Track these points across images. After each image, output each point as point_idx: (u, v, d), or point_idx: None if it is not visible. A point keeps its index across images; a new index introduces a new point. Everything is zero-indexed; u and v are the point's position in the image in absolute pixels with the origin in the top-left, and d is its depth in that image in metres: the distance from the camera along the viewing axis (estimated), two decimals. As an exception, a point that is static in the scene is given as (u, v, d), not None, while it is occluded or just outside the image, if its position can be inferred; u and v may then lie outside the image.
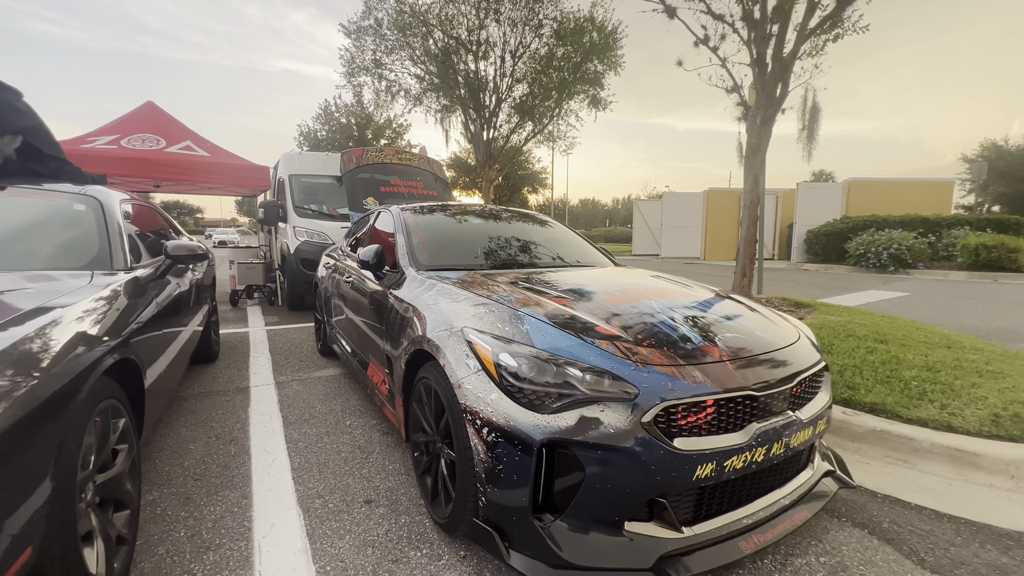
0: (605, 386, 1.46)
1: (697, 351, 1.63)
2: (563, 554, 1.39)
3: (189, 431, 2.76)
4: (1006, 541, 1.85)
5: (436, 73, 11.66)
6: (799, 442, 1.69)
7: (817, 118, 5.30)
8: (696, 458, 1.43)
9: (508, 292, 2.05)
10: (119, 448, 1.67)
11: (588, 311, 1.85)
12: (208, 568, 1.64)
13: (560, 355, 1.54)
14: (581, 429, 1.41)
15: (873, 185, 15.56)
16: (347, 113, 23.27)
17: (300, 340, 5.05)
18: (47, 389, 1.19)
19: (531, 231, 3.39)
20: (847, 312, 5.00)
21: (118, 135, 6.74)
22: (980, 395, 2.84)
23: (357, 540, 1.80)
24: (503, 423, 1.47)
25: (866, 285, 9.93)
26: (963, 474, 2.30)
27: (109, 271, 2.08)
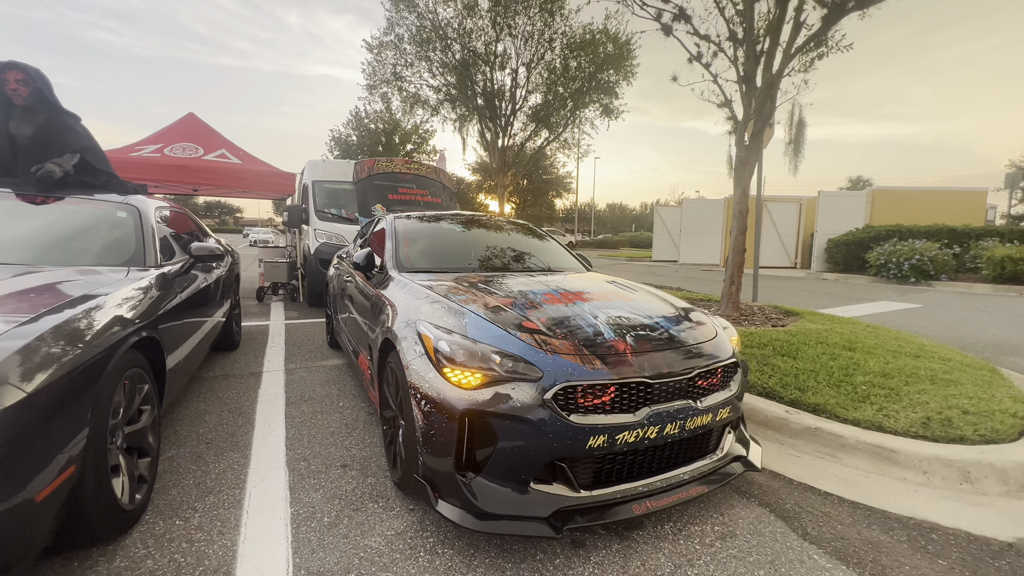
0: (516, 369, 1.80)
1: (604, 344, 1.94)
2: (478, 503, 1.73)
3: (206, 405, 3.23)
4: (892, 524, 2.08)
5: (454, 84, 12.20)
6: (695, 426, 1.97)
7: (803, 132, 5.42)
8: (589, 430, 1.74)
9: (463, 292, 2.41)
10: (143, 408, 2.11)
11: (522, 309, 2.18)
12: (207, 506, 2.06)
13: (486, 343, 1.88)
14: (495, 402, 1.75)
15: (899, 194, 15.18)
16: (376, 119, 24.21)
17: (313, 333, 5.54)
18: (88, 355, 1.61)
19: (509, 239, 3.73)
20: (831, 321, 5.12)
21: (161, 144, 7.45)
22: (922, 400, 3.01)
23: (328, 493, 2.19)
24: (436, 396, 1.82)
25: (880, 296, 9.82)
26: (881, 468, 2.51)
27: (142, 267, 2.54)
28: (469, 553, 1.80)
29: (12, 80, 2.90)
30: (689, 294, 7.28)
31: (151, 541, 1.82)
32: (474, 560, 1.77)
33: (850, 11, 4.48)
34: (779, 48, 4.81)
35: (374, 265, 3.16)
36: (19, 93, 2.92)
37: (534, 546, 1.86)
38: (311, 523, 1.96)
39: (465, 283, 2.60)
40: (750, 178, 5.24)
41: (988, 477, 2.37)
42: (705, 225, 18.24)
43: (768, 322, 5.15)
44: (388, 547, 1.82)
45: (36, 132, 2.94)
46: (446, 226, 3.73)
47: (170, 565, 1.69)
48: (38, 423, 1.34)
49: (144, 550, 1.77)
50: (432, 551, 1.81)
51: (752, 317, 5.36)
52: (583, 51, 12.09)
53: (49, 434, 1.39)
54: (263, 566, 1.70)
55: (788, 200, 17.59)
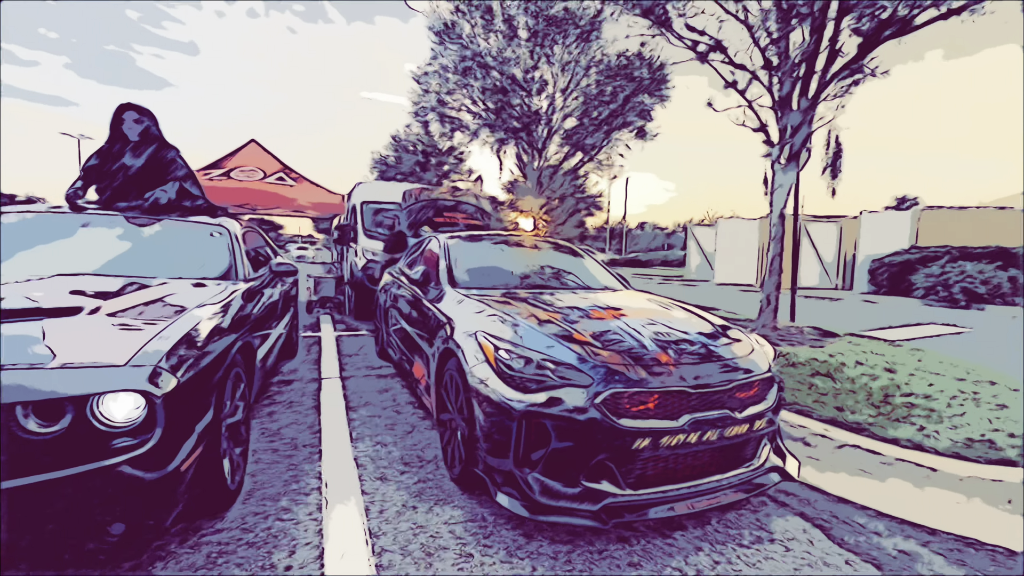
0: (568, 376, 2.01)
1: (647, 356, 2.13)
2: (534, 495, 1.94)
3: (276, 407, 3.56)
4: (929, 538, 2.15)
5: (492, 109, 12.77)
6: (733, 434, 2.13)
7: (840, 156, 5.48)
8: (635, 433, 1.93)
9: (516, 307, 2.65)
10: (239, 404, 2.43)
11: (571, 323, 2.40)
12: (292, 491, 2.34)
13: (541, 352, 2.11)
14: (550, 405, 1.96)
15: (948, 214, 14.62)
16: (415, 142, 25.26)
17: (362, 345, 5.89)
18: (214, 354, 1.93)
19: (553, 258, 3.97)
20: (871, 343, 5.09)
21: (227, 168, 8.15)
22: (964, 422, 3.04)
23: (394, 485, 2.43)
24: (497, 399, 2.05)
25: (928, 319, 9.48)
26: (920, 486, 2.57)
27: (235, 280, 2.91)
28: (520, 541, 2.00)
29: (129, 120, 3.39)
30: (725, 314, 7.30)
31: (250, 518, 2.10)
32: (528, 546, 1.96)
33: (886, 39, 4.59)
34: (815, 75, 4.95)
35: (430, 281, 3.45)
36: (133, 130, 3.41)
37: (580, 537, 2.04)
38: (383, 511, 2.20)
39: (514, 298, 2.84)
40: (786, 201, 5.33)
41: (1031, 498, 2.39)
42: (740, 244, 17.99)
43: (806, 343, 5.16)
44: (450, 532, 2.05)
45: (145, 163, 3.41)
46: (491, 245, 4.01)
47: (268, 537, 1.96)
48: (185, 407, 1.65)
49: (243, 524, 2.05)
50: (488, 536, 2.02)
51: (790, 338, 5.38)
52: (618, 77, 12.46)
53: (191, 417, 1.69)
54: (346, 542, 1.95)
55: (827, 220, 17.20)
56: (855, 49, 4.80)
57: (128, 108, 3.41)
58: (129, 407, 1.47)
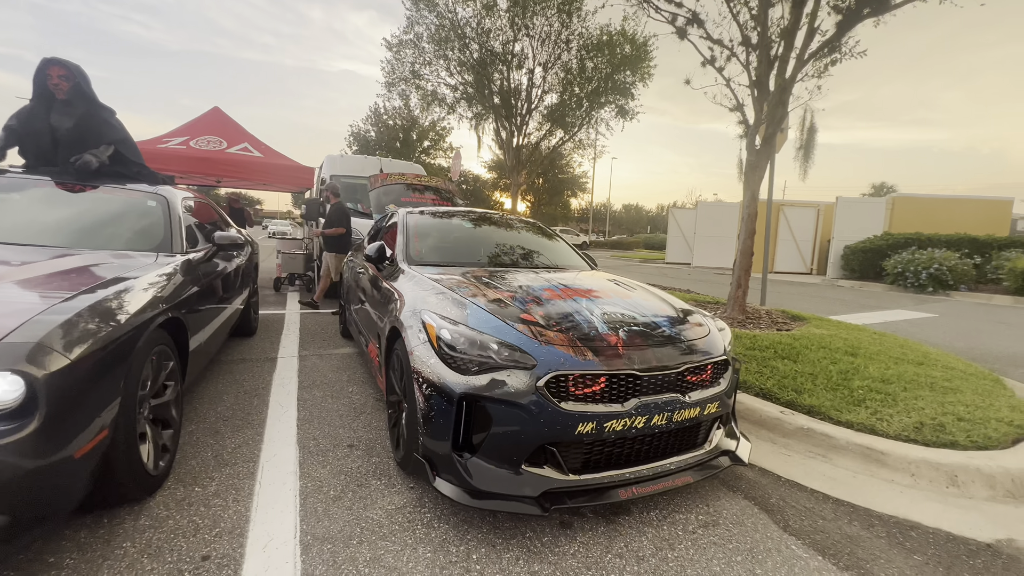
0: (512, 357, 1.91)
1: (597, 338, 2.04)
2: (473, 481, 1.85)
3: (224, 386, 3.41)
4: (874, 521, 2.15)
5: (471, 83, 12.34)
6: (683, 418, 2.06)
7: (813, 138, 5.39)
8: (578, 417, 1.85)
9: (468, 285, 2.53)
10: (168, 384, 2.27)
11: (523, 303, 2.30)
12: (224, 476, 2.22)
13: (485, 333, 2.00)
14: (491, 387, 1.86)
15: (920, 202, 14.89)
16: (394, 116, 24.54)
17: (327, 323, 5.72)
18: (122, 331, 1.77)
19: (520, 237, 3.85)
20: (837, 327, 5.13)
21: (187, 137, 7.73)
22: (918, 406, 3.05)
23: (334, 469, 2.33)
24: (436, 380, 1.94)
25: (895, 304, 9.69)
26: (870, 469, 2.57)
27: (169, 253, 2.72)
28: (463, 528, 1.93)
29: (55, 75, 3.10)
30: (697, 296, 7.31)
31: (173, 504, 1.98)
32: (467, 534, 1.89)
33: (865, 17, 4.48)
34: (792, 53, 4.83)
35: (385, 257, 3.30)
36: (61, 88, 3.13)
37: (524, 524, 1.97)
38: (318, 495, 2.10)
39: (471, 277, 2.72)
40: (760, 182, 5.27)
41: (975, 481, 2.41)
42: (720, 228, 18.12)
43: (774, 326, 5.17)
44: (388, 519, 1.96)
45: (75, 124, 3.14)
46: (456, 222, 3.86)
47: (189, 525, 1.85)
48: (78, 389, 1.50)
49: (166, 511, 1.93)
50: (429, 525, 1.94)
51: (758, 320, 5.39)
52: (600, 52, 12.14)
53: (87, 399, 1.55)
54: (273, 530, 1.84)
55: (806, 205, 17.37)
56: (833, 28, 4.69)
57: (54, 64, 3.13)
58: (2, 388, 1.31)
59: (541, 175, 37.03)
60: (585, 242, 36.73)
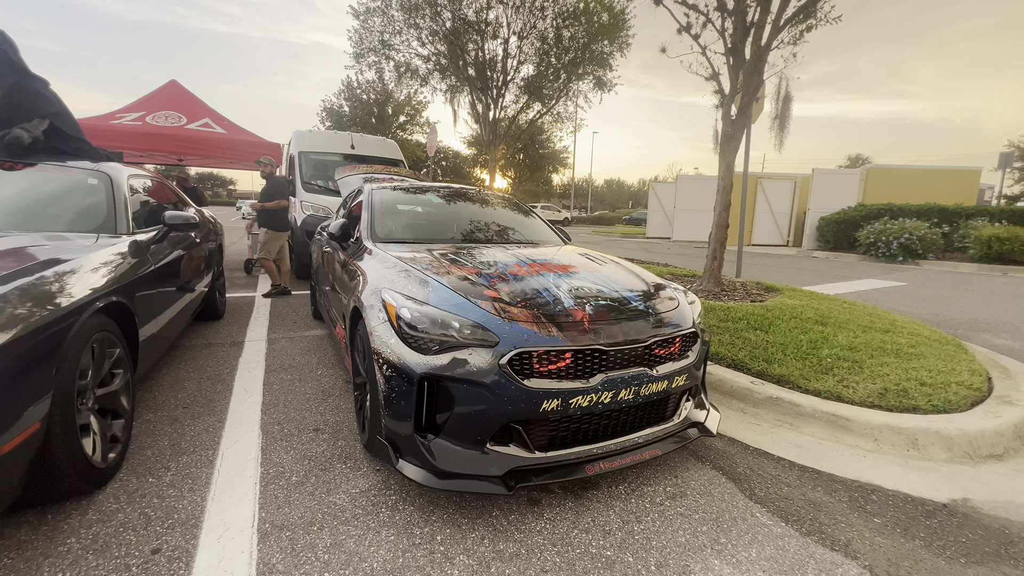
0: (474, 335, 1.85)
1: (562, 313, 1.99)
2: (436, 462, 1.80)
3: (186, 372, 3.29)
4: (837, 486, 2.18)
5: (444, 53, 11.87)
6: (651, 392, 2.04)
7: (789, 107, 5.35)
8: (543, 394, 1.81)
9: (432, 262, 2.44)
10: (116, 372, 2.16)
11: (487, 279, 2.22)
12: (181, 465, 2.14)
13: (446, 311, 1.93)
14: (452, 367, 1.80)
15: (893, 172, 15.13)
16: (368, 90, 23.69)
17: (298, 304, 5.58)
18: (51, 317, 1.65)
19: (489, 212, 3.74)
20: (809, 297, 5.20)
21: (144, 112, 7.32)
22: (883, 372, 3.11)
23: (298, 454, 2.27)
24: (396, 361, 1.87)
25: (867, 274, 9.91)
26: (835, 436, 2.62)
27: (113, 235, 2.55)
28: (428, 509, 1.89)
29: (-24, 42, 2.83)
30: (674, 270, 7.34)
31: (123, 497, 1.90)
32: (432, 515, 1.86)
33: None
34: (768, 19, 4.73)
35: (350, 235, 3.18)
36: (-16, 56, 2.86)
37: (491, 503, 1.95)
38: (279, 481, 2.04)
39: (437, 254, 2.63)
40: (735, 153, 5.23)
41: (934, 444, 2.47)
42: (700, 202, 18.17)
43: (748, 297, 5.22)
44: (352, 503, 1.91)
45: (3, 97, 2.90)
46: (426, 198, 3.73)
47: (140, 518, 1.77)
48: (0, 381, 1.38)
49: (116, 504, 1.84)
50: (393, 507, 1.90)
51: (733, 292, 5.43)
52: (576, 20, 11.77)
53: (12, 392, 1.43)
54: (230, 519, 1.78)
55: (783, 177, 17.52)
56: (809, -8, 4.58)
57: None
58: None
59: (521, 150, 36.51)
60: (567, 218, 36.58)
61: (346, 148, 8.34)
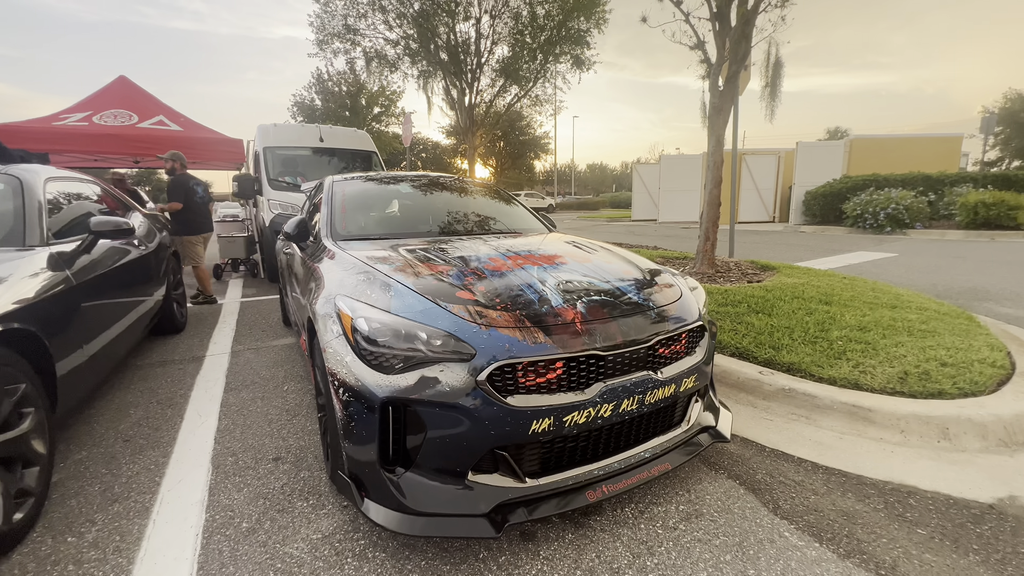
0: (445, 347, 1.54)
1: (550, 314, 1.68)
2: (407, 502, 1.50)
3: (134, 397, 2.93)
4: (868, 490, 1.93)
5: (413, 37, 11.30)
6: (656, 399, 1.76)
7: (780, 74, 5.08)
8: (531, 414, 1.51)
9: (398, 260, 2.12)
10: (25, 411, 1.81)
11: (461, 277, 1.91)
12: (110, 516, 1.80)
13: (411, 319, 1.61)
14: (420, 388, 1.49)
15: (876, 143, 15.04)
16: (340, 81, 22.88)
17: (269, 311, 5.20)
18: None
19: (465, 201, 3.41)
20: (807, 274, 4.97)
21: (90, 111, 6.79)
22: (899, 354, 2.87)
23: (253, 492, 1.95)
24: (354, 383, 1.56)
25: (857, 247, 9.78)
26: (857, 429, 2.37)
27: (20, 247, 2.18)
28: (403, 556, 1.60)
29: None
30: (664, 252, 7.08)
31: (32, 565, 1.57)
32: (408, 564, 1.56)
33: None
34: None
35: (308, 234, 2.83)
36: None
37: (477, 544, 1.66)
38: (226, 530, 1.72)
39: (404, 251, 2.30)
40: (725, 127, 4.94)
41: (967, 433, 2.24)
42: (684, 182, 17.97)
43: (744, 278, 4.98)
44: (311, 554, 1.60)
45: None
46: (394, 189, 3.38)
47: (47, 595, 1.45)
48: None
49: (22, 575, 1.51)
50: (361, 555, 1.60)
51: (728, 274, 5.19)
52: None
53: None
54: (159, 588, 1.46)
55: (766, 153, 17.36)
56: (798, -52, 4.28)
57: None
58: None
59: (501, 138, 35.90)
60: (551, 204, 36.21)
61: (315, 141, 7.88)
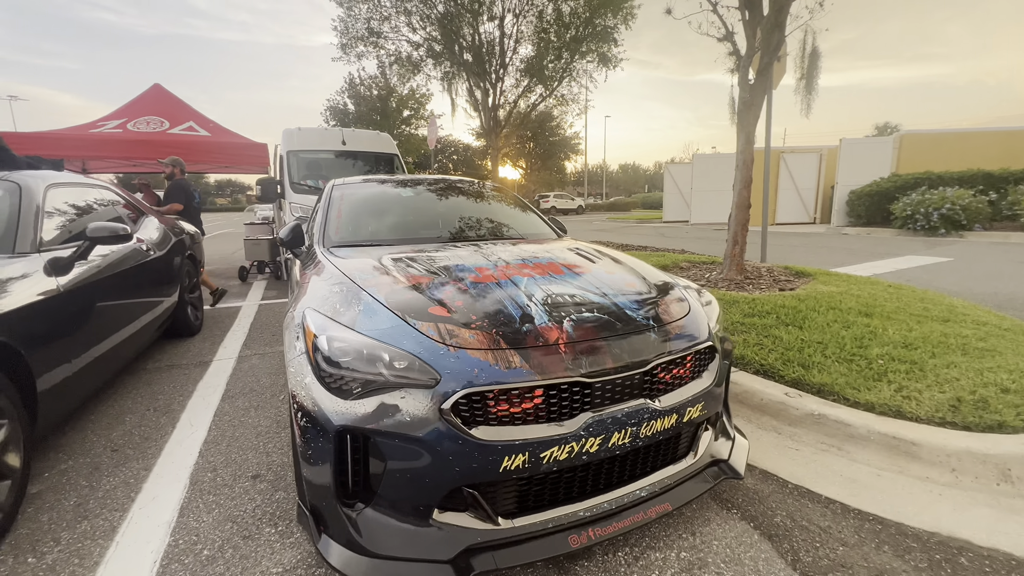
0: (409, 371, 1.38)
1: (530, 333, 1.50)
2: (362, 542, 1.35)
3: (132, 403, 2.92)
4: (910, 543, 1.66)
5: (436, 39, 11.26)
6: (654, 431, 1.55)
7: (816, 65, 4.67)
8: (502, 449, 1.33)
9: (378, 269, 1.98)
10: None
11: (439, 289, 1.75)
12: (75, 536, 1.74)
13: (374, 337, 1.46)
14: (378, 416, 1.34)
15: (930, 138, 13.99)
16: (370, 85, 23.26)
17: (284, 314, 5.20)
18: None
19: (470, 205, 3.27)
20: (847, 282, 4.57)
21: (125, 119, 7.04)
22: (951, 376, 2.53)
23: (223, 515, 1.85)
24: (311, 407, 1.42)
25: (906, 250, 9.08)
26: (898, 465, 2.07)
27: (10, 254, 2.17)
28: (363, 599, 1.44)
29: None
30: (690, 256, 6.73)
31: (-15, 588, 1.51)
32: (366, 610, 1.41)
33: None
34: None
35: (302, 240, 2.74)
36: None
37: (447, 587, 1.49)
38: (185, 558, 1.62)
39: (390, 258, 2.16)
40: (755, 123, 4.61)
41: (1034, 476, 1.91)
42: (718, 181, 17.26)
43: (775, 285, 4.63)
44: (267, 591, 1.48)
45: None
46: (395, 192, 3.26)
47: (-11, 625, 1.37)
48: None
49: (-30, 602, 1.45)
50: (320, 596, 1.46)
51: (758, 280, 4.84)
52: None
53: None
54: (101, 624, 1.37)
55: (807, 151, 16.50)
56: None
57: None
58: None
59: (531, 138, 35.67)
60: (580, 206, 35.72)
61: (337, 145, 7.94)
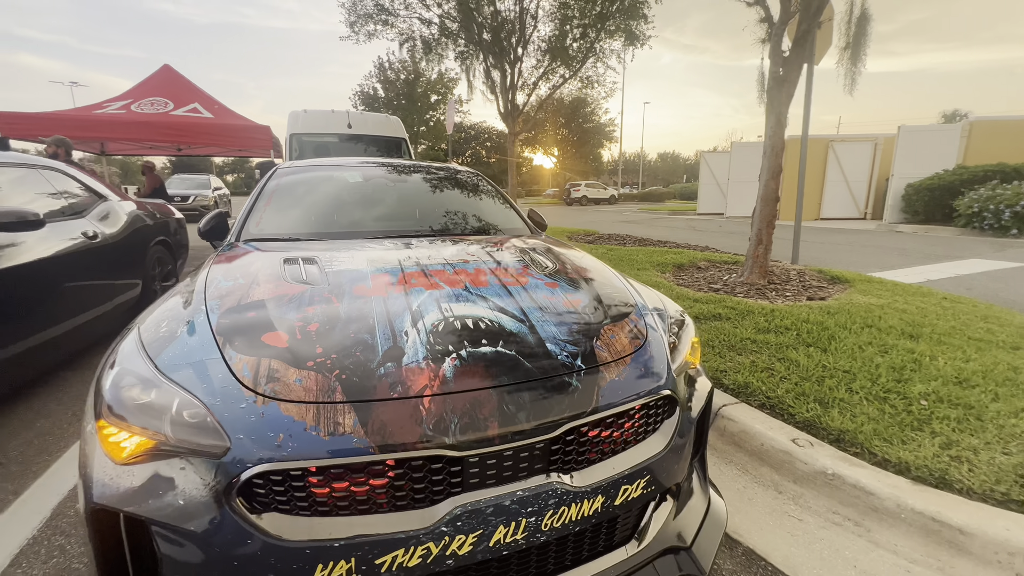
0: (196, 431, 0.97)
1: (387, 379, 1.06)
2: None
3: (57, 403, 2.68)
4: None
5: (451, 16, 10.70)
6: (568, 521, 1.09)
7: (865, 31, 3.88)
8: (312, 553, 0.91)
9: (254, 274, 1.58)
10: None
11: (301, 304, 1.33)
12: None
13: (170, 377, 1.06)
14: (148, 492, 0.94)
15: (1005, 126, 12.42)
16: (398, 70, 22.99)
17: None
18: None
19: (429, 194, 2.84)
20: (891, 291, 3.87)
21: (130, 100, 6.96)
22: (1021, 430, 1.93)
23: (55, 569, 1.52)
24: (85, 471, 1.04)
25: (969, 252, 8.02)
26: (939, 558, 1.53)
27: None
28: None
29: None
30: (711, 255, 6.07)
31: None
32: None
33: None
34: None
35: (225, 233, 2.39)
36: None
37: None
38: (-26, 634, 1.29)
39: (285, 258, 1.76)
40: (788, 103, 3.94)
41: None
42: (757, 173, 16.13)
43: (804, 293, 3.98)
44: None
45: None
46: (341, 176, 2.86)
47: None
48: None
49: None
50: None
51: (784, 286, 4.19)
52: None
53: None
54: None
55: (860, 139, 15.10)
56: None
57: None
58: None
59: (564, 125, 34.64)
60: (613, 195, 34.55)
61: (343, 128, 7.67)
